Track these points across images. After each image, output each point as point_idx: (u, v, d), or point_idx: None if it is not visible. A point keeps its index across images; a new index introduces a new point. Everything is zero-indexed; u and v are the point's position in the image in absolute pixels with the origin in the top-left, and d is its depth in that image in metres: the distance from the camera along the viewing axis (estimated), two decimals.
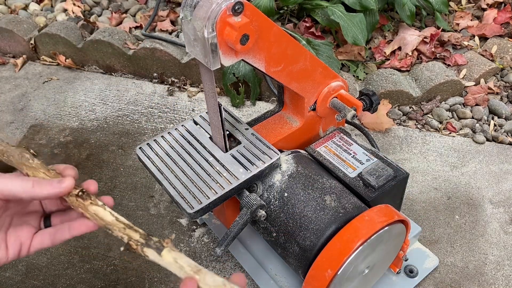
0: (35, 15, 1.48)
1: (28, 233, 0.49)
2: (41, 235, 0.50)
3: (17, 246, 0.48)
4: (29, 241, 0.49)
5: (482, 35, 1.28)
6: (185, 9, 0.54)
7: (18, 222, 0.49)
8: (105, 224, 0.45)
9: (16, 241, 0.48)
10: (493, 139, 1.05)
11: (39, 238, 0.50)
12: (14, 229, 0.49)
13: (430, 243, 0.83)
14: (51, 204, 0.51)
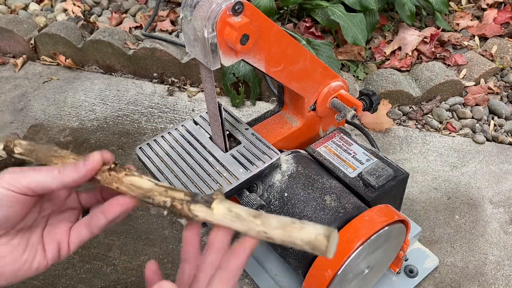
0: (35, 15, 1.48)
1: (65, 230, 0.46)
2: (76, 228, 0.46)
3: (55, 246, 0.45)
4: (66, 238, 0.46)
5: (482, 35, 1.28)
6: (185, 9, 0.54)
7: (54, 221, 0.46)
8: (144, 192, 0.41)
9: (53, 241, 0.45)
10: (493, 139, 1.05)
11: (75, 231, 0.46)
12: (49, 228, 0.46)
13: (430, 243, 0.83)
14: (89, 198, 0.48)
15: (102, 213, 0.44)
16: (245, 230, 0.38)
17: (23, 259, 0.42)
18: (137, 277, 0.80)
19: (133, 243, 0.85)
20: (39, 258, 0.44)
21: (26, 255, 0.43)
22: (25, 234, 0.43)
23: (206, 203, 0.39)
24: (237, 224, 0.38)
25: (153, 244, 0.85)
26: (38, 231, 0.45)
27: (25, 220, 0.43)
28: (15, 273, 0.42)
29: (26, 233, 0.44)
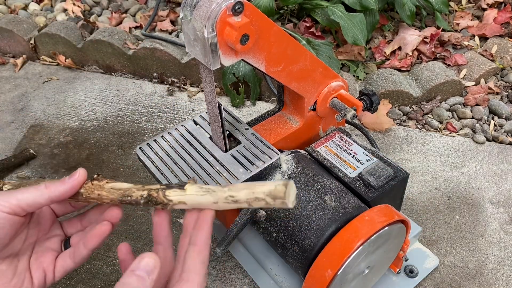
0: (35, 15, 1.48)
1: (50, 258, 0.48)
2: (62, 258, 0.49)
3: (41, 273, 0.47)
4: (52, 266, 0.48)
5: (482, 35, 1.28)
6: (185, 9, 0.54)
7: (40, 249, 0.48)
8: (123, 192, 0.44)
9: (39, 269, 0.47)
10: (493, 139, 1.05)
11: (60, 261, 0.49)
12: (36, 256, 0.48)
13: (430, 243, 0.83)
14: (70, 227, 0.51)
15: (84, 245, 0.47)
16: (215, 200, 0.40)
17: (11, 285, 0.44)
18: None
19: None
20: (27, 284, 0.46)
21: (14, 281, 0.45)
22: (12, 261, 0.45)
23: (179, 187, 0.42)
24: (207, 197, 0.40)
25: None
26: (25, 258, 0.47)
27: (12, 246, 0.45)
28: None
29: (14, 260, 0.46)
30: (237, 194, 0.39)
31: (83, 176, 0.46)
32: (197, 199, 0.41)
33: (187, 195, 0.41)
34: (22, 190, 0.43)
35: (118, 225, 0.48)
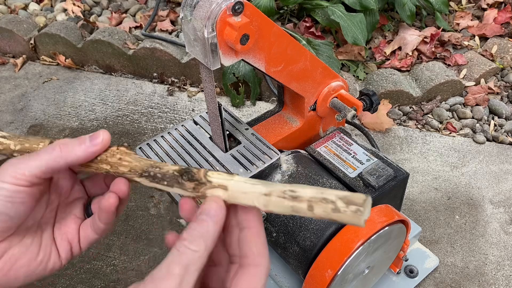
0: (35, 15, 1.48)
1: (74, 228, 0.44)
2: (84, 229, 0.44)
3: (67, 245, 0.43)
4: (76, 237, 0.44)
5: (482, 35, 1.28)
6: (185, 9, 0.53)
7: (63, 216, 0.44)
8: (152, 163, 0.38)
9: (64, 240, 0.43)
10: (493, 139, 1.05)
11: (83, 232, 0.44)
12: (59, 225, 0.43)
13: (430, 243, 0.83)
14: (93, 187, 0.46)
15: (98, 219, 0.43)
16: (267, 191, 0.33)
17: (38, 260, 0.40)
18: (137, 277, 0.80)
19: (133, 243, 0.85)
20: (54, 257, 0.42)
21: (41, 256, 0.41)
22: (36, 232, 0.41)
23: (227, 172, 0.36)
24: (259, 187, 0.34)
25: (152, 244, 0.85)
26: (49, 228, 0.43)
27: (33, 214, 0.41)
28: (30, 275, 0.40)
29: (38, 231, 0.41)
30: (300, 190, 0.32)
31: (107, 141, 0.40)
32: (243, 187, 0.34)
33: (233, 181, 0.35)
34: (34, 157, 0.37)
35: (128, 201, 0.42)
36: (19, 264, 0.39)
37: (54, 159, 0.37)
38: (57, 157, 0.37)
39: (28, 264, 0.40)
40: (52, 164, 0.37)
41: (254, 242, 0.35)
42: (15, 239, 0.39)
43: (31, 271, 0.40)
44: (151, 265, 0.82)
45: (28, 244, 0.40)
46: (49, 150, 0.38)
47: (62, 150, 0.38)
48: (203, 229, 0.33)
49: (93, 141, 0.39)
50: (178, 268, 0.32)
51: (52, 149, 0.38)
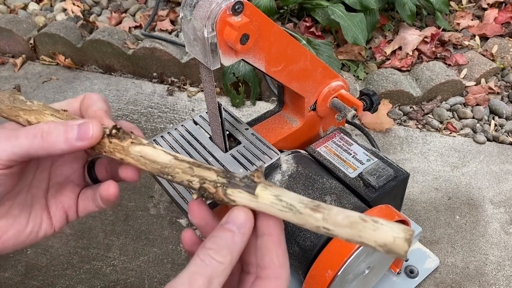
0: (34, 15, 1.48)
1: (72, 196, 0.40)
2: (84, 199, 0.40)
3: (62, 214, 0.39)
4: (74, 206, 0.40)
5: (483, 35, 1.28)
6: (185, 8, 0.53)
7: (58, 182, 0.39)
8: (160, 168, 0.33)
9: (59, 209, 0.39)
10: (493, 139, 1.04)
11: (82, 203, 0.40)
12: (54, 193, 0.39)
13: (431, 244, 0.83)
14: None
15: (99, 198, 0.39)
16: (301, 222, 0.32)
17: (27, 230, 0.37)
18: (136, 277, 0.80)
19: (132, 244, 0.85)
20: (45, 226, 0.38)
21: (30, 226, 0.38)
22: (25, 203, 0.38)
23: (247, 189, 0.32)
24: (289, 215, 0.32)
25: (152, 244, 0.85)
26: (39, 197, 0.39)
27: (18, 188, 0.37)
28: (19, 244, 0.37)
29: (26, 201, 0.38)
30: (335, 230, 0.31)
31: (97, 137, 0.34)
32: (271, 211, 0.32)
33: (259, 203, 0.32)
34: (12, 139, 0.33)
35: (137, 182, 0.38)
36: (7, 237, 0.37)
37: (34, 148, 0.33)
38: (38, 147, 0.33)
39: (17, 236, 0.37)
40: (31, 152, 0.33)
41: (275, 252, 0.33)
42: (0, 212, 0.36)
43: (21, 241, 0.38)
44: (151, 265, 0.82)
45: (16, 215, 0.37)
46: (30, 135, 0.33)
47: (44, 141, 0.33)
48: (229, 239, 0.31)
49: (80, 136, 0.33)
50: (202, 280, 0.29)
51: (34, 135, 0.33)
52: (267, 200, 0.32)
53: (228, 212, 0.32)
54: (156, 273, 0.80)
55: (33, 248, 0.85)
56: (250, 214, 0.32)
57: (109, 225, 0.89)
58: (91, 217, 0.90)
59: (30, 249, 0.85)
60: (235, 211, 0.32)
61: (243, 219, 0.32)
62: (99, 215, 0.90)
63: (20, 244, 0.38)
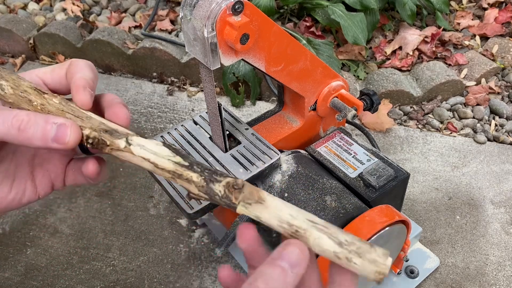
0: (34, 15, 1.48)
1: (60, 165, 0.38)
2: (73, 170, 0.39)
3: (47, 183, 0.38)
4: (61, 175, 0.39)
5: (483, 34, 1.28)
6: (185, 8, 0.53)
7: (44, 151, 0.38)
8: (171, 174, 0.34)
9: (45, 177, 0.38)
10: (494, 139, 1.04)
11: (71, 174, 0.39)
12: (40, 161, 0.38)
13: (431, 244, 0.83)
14: None
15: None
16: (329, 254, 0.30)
17: (10, 197, 0.37)
18: (136, 277, 0.80)
19: (132, 244, 0.85)
20: (29, 193, 0.38)
21: (13, 194, 0.37)
22: (8, 169, 0.36)
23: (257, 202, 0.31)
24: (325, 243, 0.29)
25: (152, 244, 0.85)
26: (23, 164, 0.37)
27: (1, 152, 0.36)
28: (3, 209, 0.37)
29: (9, 168, 0.37)
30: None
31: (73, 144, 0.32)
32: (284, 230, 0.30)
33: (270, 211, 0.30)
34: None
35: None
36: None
37: (10, 137, 0.32)
38: (14, 138, 0.32)
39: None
40: (6, 139, 0.32)
41: None
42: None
43: (3, 207, 0.37)
44: (151, 265, 0.81)
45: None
46: (7, 123, 0.31)
47: (21, 133, 0.31)
48: (281, 280, 0.27)
49: (57, 139, 0.32)
50: None
51: (11, 125, 0.31)
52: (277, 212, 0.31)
53: (281, 245, 0.29)
54: (156, 273, 0.80)
55: (32, 248, 0.85)
56: (306, 251, 0.29)
57: (108, 225, 0.89)
58: (91, 217, 0.90)
59: (30, 249, 0.85)
60: (290, 247, 0.29)
61: (298, 258, 0.29)
62: (98, 215, 0.90)
63: (2, 209, 0.37)
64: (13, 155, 0.37)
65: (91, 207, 0.92)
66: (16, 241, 0.86)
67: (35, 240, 0.87)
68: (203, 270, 0.80)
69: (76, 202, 0.93)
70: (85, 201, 0.93)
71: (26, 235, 0.87)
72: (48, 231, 0.88)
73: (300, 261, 0.28)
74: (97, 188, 0.95)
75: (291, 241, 0.29)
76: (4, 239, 0.87)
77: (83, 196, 0.94)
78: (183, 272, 0.80)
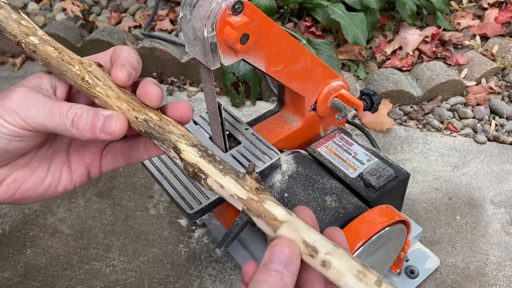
0: (34, 15, 1.48)
1: (95, 150, 0.39)
2: (112, 153, 0.39)
3: (84, 170, 0.38)
4: (98, 161, 0.39)
5: (483, 34, 1.28)
6: (185, 8, 0.53)
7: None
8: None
9: (81, 165, 0.38)
10: (494, 139, 1.04)
11: (110, 158, 0.39)
12: (77, 145, 0.38)
13: (431, 244, 0.83)
14: None
15: (145, 149, 0.38)
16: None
17: (45, 184, 0.37)
18: (136, 278, 0.80)
19: (132, 244, 0.85)
20: (65, 181, 0.38)
21: (49, 180, 0.37)
22: (45, 155, 0.37)
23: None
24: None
25: (152, 244, 0.85)
26: (62, 147, 0.38)
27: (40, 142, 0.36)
28: (39, 196, 0.37)
29: (47, 154, 0.37)
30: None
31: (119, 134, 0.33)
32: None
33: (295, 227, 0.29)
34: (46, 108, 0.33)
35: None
36: (25, 188, 0.36)
37: (62, 129, 0.33)
38: (66, 130, 0.33)
39: (35, 188, 0.37)
40: (59, 130, 0.33)
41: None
42: (19, 162, 0.36)
43: (39, 194, 0.37)
44: (151, 265, 0.81)
45: (35, 167, 0.36)
46: (63, 115, 0.33)
47: (73, 126, 0.33)
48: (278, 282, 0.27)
49: (103, 129, 0.33)
50: None
51: (66, 117, 0.33)
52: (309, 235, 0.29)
53: (269, 247, 0.29)
54: (155, 273, 0.80)
55: (32, 248, 0.85)
56: (295, 246, 0.28)
57: (108, 225, 0.88)
58: (91, 217, 0.90)
59: (30, 249, 0.85)
60: (278, 247, 0.28)
61: (289, 255, 0.28)
62: (98, 215, 0.90)
63: (38, 197, 0.37)
64: (53, 140, 0.38)
65: (91, 207, 0.92)
66: (16, 241, 0.86)
67: (35, 240, 0.86)
68: (203, 270, 0.80)
69: (76, 202, 0.93)
70: (85, 201, 0.93)
71: (26, 235, 0.87)
72: (48, 231, 0.88)
73: (292, 257, 0.28)
74: (97, 188, 0.95)
75: (277, 241, 0.28)
76: (4, 239, 0.87)
77: (83, 196, 0.94)
78: (183, 272, 0.80)
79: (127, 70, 0.34)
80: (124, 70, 0.34)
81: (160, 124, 0.33)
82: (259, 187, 0.31)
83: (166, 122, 0.34)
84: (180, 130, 0.34)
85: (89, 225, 0.89)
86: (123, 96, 0.34)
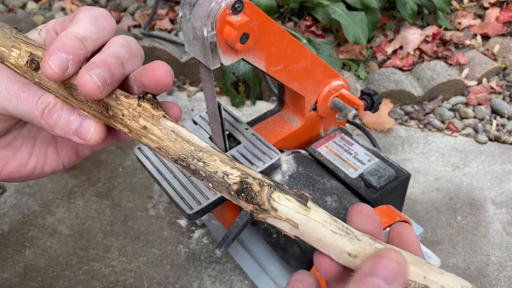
0: (33, 14, 1.48)
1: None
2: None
3: (69, 150, 0.35)
4: None
5: (485, 34, 1.28)
6: (184, 7, 0.53)
7: None
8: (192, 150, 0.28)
9: (66, 141, 0.35)
10: (495, 139, 1.04)
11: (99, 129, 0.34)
12: None
13: (432, 244, 0.83)
14: None
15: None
16: (353, 251, 0.26)
17: (30, 165, 0.34)
18: (135, 278, 0.79)
19: (131, 244, 0.85)
20: (51, 162, 0.35)
21: (33, 161, 0.34)
22: (29, 133, 0.34)
23: (298, 197, 0.26)
24: (344, 240, 0.26)
25: (152, 245, 0.84)
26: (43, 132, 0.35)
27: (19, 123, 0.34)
28: (26, 176, 0.35)
29: (32, 131, 0.34)
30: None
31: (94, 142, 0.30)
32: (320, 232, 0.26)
33: (309, 219, 0.26)
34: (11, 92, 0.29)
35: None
36: (8, 170, 0.33)
37: (31, 118, 0.30)
38: (36, 121, 0.30)
39: (19, 170, 0.34)
40: (27, 119, 0.30)
41: None
42: (0, 142, 0.33)
43: (25, 175, 0.34)
44: (150, 266, 0.81)
45: (17, 147, 0.33)
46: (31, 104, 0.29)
47: (43, 119, 0.29)
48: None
49: (78, 133, 0.30)
50: None
51: (35, 108, 0.29)
52: (319, 217, 0.26)
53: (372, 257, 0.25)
54: (155, 274, 0.80)
55: (31, 249, 0.85)
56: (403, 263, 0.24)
57: (108, 225, 0.88)
58: (90, 217, 0.90)
59: (29, 250, 0.84)
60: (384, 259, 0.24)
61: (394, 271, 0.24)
62: (97, 216, 0.90)
63: (25, 178, 0.35)
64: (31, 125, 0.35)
65: (90, 208, 0.91)
66: (15, 242, 0.86)
67: (34, 240, 0.86)
68: (202, 271, 0.80)
69: (75, 202, 0.93)
70: (84, 202, 0.93)
71: (25, 236, 0.87)
72: (47, 231, 0.88)
73: (398, 275, 0.24)
74: (96, 189, 0.95)
75: (383, 253, 0.25)
76: (2, 240, 0.86)
77: (82, 196, 0.94)
78: (182, 273, 0.80)
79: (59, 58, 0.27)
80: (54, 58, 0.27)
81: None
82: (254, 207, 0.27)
83: None
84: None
85: (88, 225, 0.88)
86: None
